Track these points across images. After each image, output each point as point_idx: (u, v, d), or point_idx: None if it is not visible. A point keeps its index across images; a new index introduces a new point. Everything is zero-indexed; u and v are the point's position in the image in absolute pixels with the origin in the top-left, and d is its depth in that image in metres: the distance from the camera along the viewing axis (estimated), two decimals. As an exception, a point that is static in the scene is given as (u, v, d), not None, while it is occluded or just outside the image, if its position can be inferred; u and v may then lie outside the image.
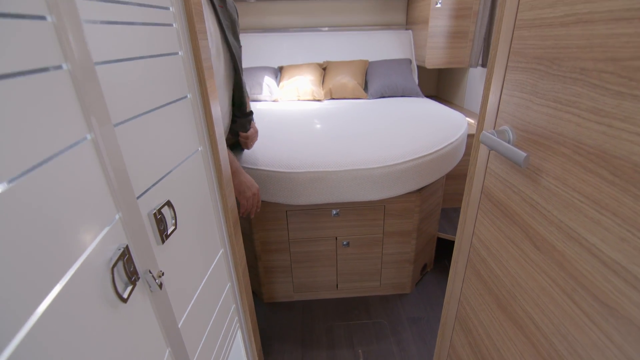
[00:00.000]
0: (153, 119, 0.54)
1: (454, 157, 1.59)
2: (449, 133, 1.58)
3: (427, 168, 1.40)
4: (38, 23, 0.33)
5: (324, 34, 2.63)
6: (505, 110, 0.67)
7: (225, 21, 1.02)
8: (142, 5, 0.52)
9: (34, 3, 0.33)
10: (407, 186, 1.38)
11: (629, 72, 0.41)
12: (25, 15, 0.32)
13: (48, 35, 0.35)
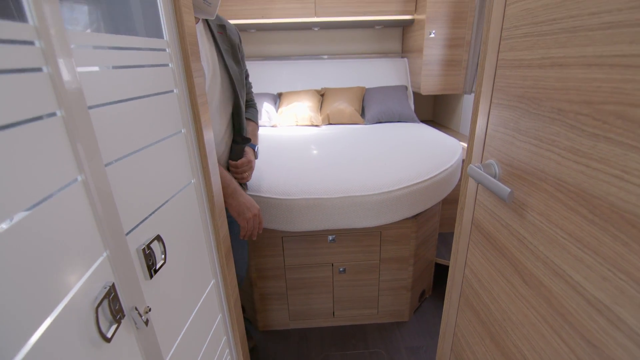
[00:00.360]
0: (146, 155, 0.56)
1: (449, 183, 1.60)
2: (443, 159, 1.60)
3: (422, 195, 1.41)
4: (34, 75, 0.35)
5: (323, 61, 2.71)
6: (491, 144, 0.69)
7: (224, 45, 1.04)
8: (139, 49, 0.54)
9: (31, 56, 0.35)
10: (402, 213, 1.39)
11: (603, 115, 0.43)
12: (23, 69, 0.34)
13: (44, 85, 0.36)
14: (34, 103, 0.35)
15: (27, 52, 0.35)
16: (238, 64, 1.09)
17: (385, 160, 1.57)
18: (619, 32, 0.40)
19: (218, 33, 1.02)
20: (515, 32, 0.60)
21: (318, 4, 2.37)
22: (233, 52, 1.07)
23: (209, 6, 0.89)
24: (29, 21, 0.35)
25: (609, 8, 0.41)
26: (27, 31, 0.35)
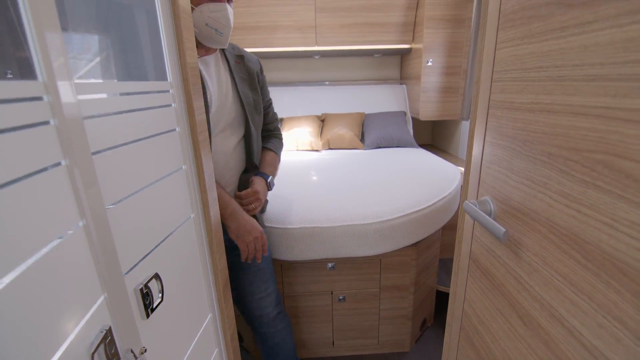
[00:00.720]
0: (147, 194, 0.57)
1: (448, 210, 1.60)
2: (442, 186, 1.61)
3: (421, 223, 1.41)
4: (42, 128, 0.37)
5: (323, 87, 2.77)
6: (486, 180, 0.70)
7: (240, 74, 1.06)
8: (144, 93, 0.56)
9: (39, 110, 0.37)
10: (402, 241, 1.38)
11: (591, 163, 0.44)
12: (32, 124, 0.36)
13: (50, 137, 0.38)
14: (40, 155, 0.36)
15: (36, 107, 0.36)
16: (254, 91, 1.10)
17: (384, 187, 1.58)
18: (602, 85, 0.42)
19: (235, 62, 1.05)
20: (505, 76, 0.62)
21: (319, 34, 2.45)
22: (250, 80, 1.09)
23: (220, 36, 0.93)
24: (38, 78, 0.37)
25: (592, 62, 0.43)
26: (37, 88, 0.37)
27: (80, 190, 0.42)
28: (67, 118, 0.40)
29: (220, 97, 1.00)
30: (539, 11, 0.52)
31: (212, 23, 0.90)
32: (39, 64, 0.37)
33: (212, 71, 1.01)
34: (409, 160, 2.07)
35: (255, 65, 1.13)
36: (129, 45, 0.59)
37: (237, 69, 1.06)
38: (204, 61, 1.00)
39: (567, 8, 0.47)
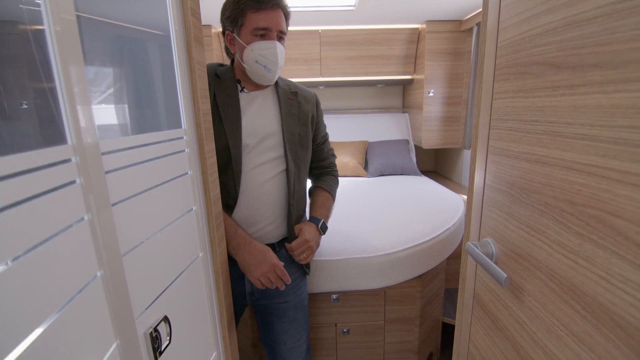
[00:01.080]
0: (159, 238, 0.59)
1: (453, 241, 1.60)
2: (445, 217, 1.62)
3: (426, 255, 1.41)
4: (68, 188, 0.40)
5: (328, 117, 2.84)
6: (487, 222, 0.71)
7: (291, 110, 1.05)
8: (160, 142, 0.60)
9: (68, 172, 0.40)
10: (406, 273, 1.38)
11: (585, 217, 0.46)
12: (60, 186, 0.39)
13: (75, 195, 0.41)
14: (66, 214, 0.39)
15: (64, 169, 0.40)
16: (303, 127, 1.08)
17: (387, 217, 1.59)
18: (592, 144, 0.44)
19: (287, 99, 1.06)
20: (502, 124, 0.65)
21: (323, 66, 2.54)
22: (301, 116, 1.07)
23: (268, 73, 0.95)
24: (67, 141, 0.41)
25: (582, 122, 0.46)
26: (66, 151, 0.40)
27: (100, 242, 0.44)
28: (92, 175, 0.43)
29: (260, 132, 1.00)
30: (531, 69, 0.56)
31: (261, 60, 0.93)
32: (69, 129, 0.40)
33: (257, 106, 1.02)
34: (412, 188, 2.09)
35: (310, 101, 1.12)
36: (147, 97, 0.64)
37: (287, 105, 1.05)
38: (251, 96, 1.02)
39: (557, 69, 0.50)
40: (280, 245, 1.08)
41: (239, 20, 0.93)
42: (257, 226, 1.02)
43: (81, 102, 0.41)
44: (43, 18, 0.38)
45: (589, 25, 0.44)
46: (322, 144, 1.20)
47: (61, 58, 0.39)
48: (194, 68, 0.68)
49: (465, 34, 2.33)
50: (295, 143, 1.05)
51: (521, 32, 0.58)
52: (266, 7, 0.90)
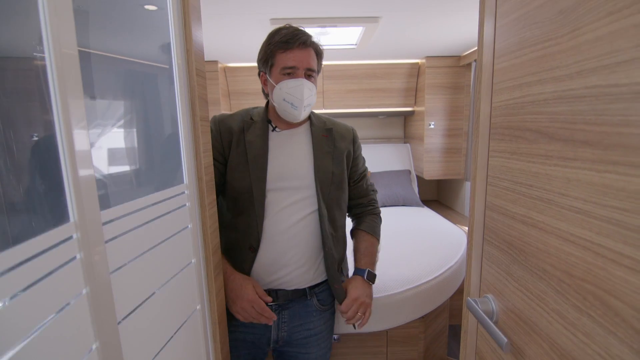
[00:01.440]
0: (157, 297, 0.59)
1: (456, 279, 1.58)
2: (448, 254, 1.60)
3: (428, 295, 1.39)
4: (69, 266, 0.41)
5: (329, 146, 2.87)
6: (487, 278, 0.71)
7: (325, 148, 1.03)
8: (162, 201, 0.61)
9: (69, 249, 0.41)
10: (409, 315, 1.36)
11: (583, 292, 0.46)
12: (61, 265, 0.39)
13: (75, 271, 0.41)
14: (64, 293, 0.40)
15: (66, 247, 0.40)
16: (338, 165, 1.05)
17: (389, 254, 1.58)
18: (587, 220, 0.45)
19: (322, 136, 1.04)
20: (499, 183, 0.65)
21: (326, 98, 2.59)
22: (335, 154, 1.04)
23: (294, 110, 0.95)
24: (70, 219, 0.42)
25: (575, 195, 0.46)
26: (68, 229, 0.41)
27: (97, 313, 0.44)
28: (92, 248, 0.44)
29: (289, 173, 0.99)
30: (525, 134, 0.57)
31: (288, 98, 0.94)
32: (72, 206, 0.42)
33: (288, 146, 1.02)
34: (414, 222, 2.08)
35: (346, 137, 1.09)
36: (150, 156, 0.65)
37: (320, 143, 1.03)
38: (282, 135, 1.02)
39: (549, 139, 0.51)
40: (312, 292, 1.03)
41: (269, 62, 0.97)
42: (285, 270, 0.98)
43: (86, 181, 0.42)
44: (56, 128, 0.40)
45: (578, 103, 0.46)
46: (359, 180, 1.14)
47: (66, 135, 0.40)
48: (198, 125, 0.70)
49: (464, 68, 2.38)
50: (328, 182, 1.01)
51: (514, 97, 0.60)
52: (293, 46, 0.93)
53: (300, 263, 0.99)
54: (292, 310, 1.02)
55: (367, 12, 1.52)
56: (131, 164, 0.60)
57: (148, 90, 0.66)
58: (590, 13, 0.43)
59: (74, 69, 0.41)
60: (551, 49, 0.51)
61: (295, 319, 1.02)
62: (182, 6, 0.66)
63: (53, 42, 0.38)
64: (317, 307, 1.04)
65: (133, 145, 0.61)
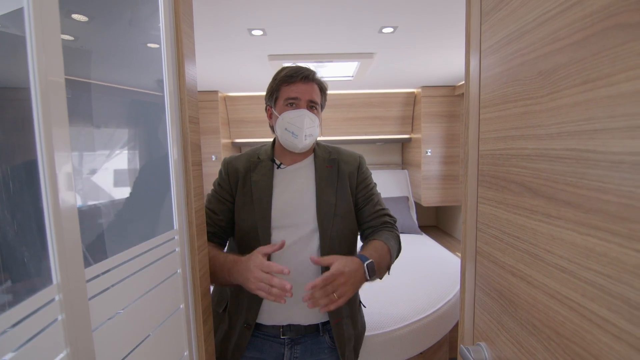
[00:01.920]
0: (143, 350, 0.58)
1: (455, 313, 1.55)
2: (447, 286, 1.58)
3: (426, 331, 1.36)
4: (50, 329, 0.40)
5: (327, 172, 2.89)
6: (480, 325, 0.70)
7: (329, 178, 1.03)
8: (151, 249, 0.61)
9: (51, 312, 0.40)
10: (407, 352, 1.33)
11: (572, 354, 0.45)
12: (42, 329, 0.39)
13: (56, 334, 0.41)
14: (43, 357, 0.39)
15: (47, 311, 0.40)
16: (342, 194, 1.03)
17: (386, 288, 1.56)
18: (572, 280, 0.44)
19: (326, 167, 1.04)
20: (488, 230, 0.66)
21: (324, 126, 2.63)
22: (338, 185, 1.03)
23: (295, 138, 0.98)
24: (53, 281, 0.42)
25: (560, 254, 0.46)
26: (51, 291, 0.41)
27: (77, 375, 0.44)
28: (75, 309, 0.43)
29: (293, 209, 0.99)
30: (510, 186, 0.58)
31: (290, 127, 0.98)
32: (55, 268, 0.42)
33: (292, 182, 1.03)
34: (412, 252, 2.07)
35: (351, 164, 1.08)
36: (139, 204, 0.66)
37: (323, 175, 1.03)
38: (287, 172, 1.04)
39: (533, 194, 0.52)
40: (325, 329, 1.01)
41: (274, 95, 1.03)
42: (298, 306, 0.95)
43: (71, 240, 0.42)
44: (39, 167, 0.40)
45: (560, 163, 0.46)
46: (366, 205, 1.09)
47: (51, 190, 0.41)
48: (189, 170, 0.71)
49: (459, 97, 2.43)
50: (331, 215, 1.00)
51: (499, 148, 0.61)
52: (296, 80, 0.99)
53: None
54: (304, 346, 1.01)
55: (361, 49, 1.56)
56: (118, 213, 0.61)
57: (141, 139, 0.67)
58: (567, 79, 0.45)
59: (63, 131, 0.42)
60: (532, 107, 0.52)
61: (307, 355, 1.01)
62: (177, 51, 0.68)
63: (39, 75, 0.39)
64: (329, 344, 1.03)
65: (120, 194, 0.62)
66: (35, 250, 0.41)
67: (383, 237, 1.01)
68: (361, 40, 1.46)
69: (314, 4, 1.18)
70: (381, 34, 1.39)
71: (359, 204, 1.08)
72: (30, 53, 0.39)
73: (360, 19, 1.28)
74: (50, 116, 0.40)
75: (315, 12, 1.24)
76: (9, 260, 0.40)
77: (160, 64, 0.66)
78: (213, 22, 1.30)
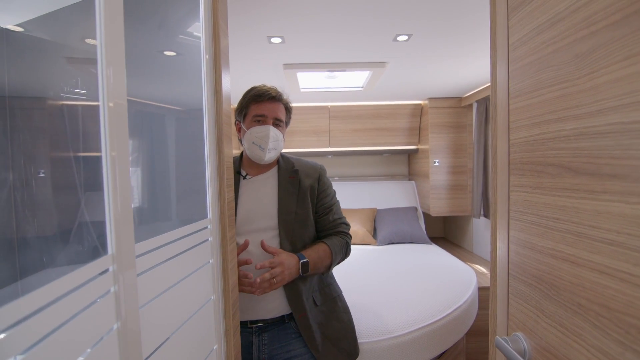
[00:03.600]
0: (179, 336, 0.57)
1: (467, 319, 1.53)
2: (458, 292, 1.56)
3: (435, 336, 1.34)
4: (103, 300, 0.40)
5: (335, 183, 2.90)
6: (516, 315, 0.69)
7: (291, 188, 1.12)
8: (187, 235, 0.61)
9: (105, 283, 0.40)
10: (419, 356, 1.30)
11: (624, 325, 0.44)
12: (96, 299, 0.39)
13: (108, 306, 0.41)
14: (97, 328, 0.39)
15: (101, 281, 0.40)
16: (303, 204, 1.12)
17: (396, 293, 1.54)
18: (622, 251, 0.45)
19: (289, 178, 1.14)
20: (522, 217, 0.66)
21: (332, 137, 2.66)
22: (300, 194, 1.13)
23: (261, 150, 1.08)
24: (108, 251, 0.42)
25: (607, 227, 0.47)
26: (106, 262, 0.41)
27: (124, 351, 0.43)
28: (125, 282, 0.43)
29: (256, 216, 1.08)
30: (547, 169, 0.59)
31: (256, 141, 1.08)
32: (111, 237, 0.42)
33: (255, 190, 1.12)
34: (421, 259, 2.05)
35: (311, 175, 1.17)
36: (180, 188, 0.66)
37: (286, 185, 1.13)
38: (251, 182, 1.13)
39: (574, 174, 0.53)
40: (290, 317, 1.09)
41: (243, 111, 1.14)
42: (262, 304, 1.05)
43: (125, 213, 0.43)
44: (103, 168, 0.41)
45: (602, 139, 0.47)
46: (324, 214, 1.19)
47: (112, 171, 0.42)
48: (223, 161, 0.72)
49: (465, 109, 2.47)
50: (292, 221, 1.10)
51: (533, 134, 0.62)
52: (263, 99, 1.10)
53: (274, 296, 1.06)
54: (272, 333, 1.07)
55: (374, 58, 1.61)
56: (158, 199, 0.61)
57: (180, 130, 0.68)
58: (606, 57, 0.47)
59: (122, 115, 0.44)
60: (569, 90, 0.53)
61: (275, 341, 1.07)
62: (214, 52, 0.70)
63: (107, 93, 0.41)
64: (295, 330, 1.09)
65: (162, 179, 0.63)
66: (96, 217, 0.41)
67: (330, 241, 1.14)
68: (375, 49, 1.50)
69: (335, 12, 1.22)
70: (395, 42, 1.43)
71: (319, 212, 1.18)
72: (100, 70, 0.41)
73: (377, 26, 1.32)
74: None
75: (336, 20, 1.28)
76: (72, 227, 0.40)
77: (200, 63, 0.68)
78: (231, 27, 1.34)
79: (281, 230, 1.08)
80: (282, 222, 1.09)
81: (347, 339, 1.15)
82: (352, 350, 1.16)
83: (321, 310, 1.13)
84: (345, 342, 1.14)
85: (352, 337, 1.17)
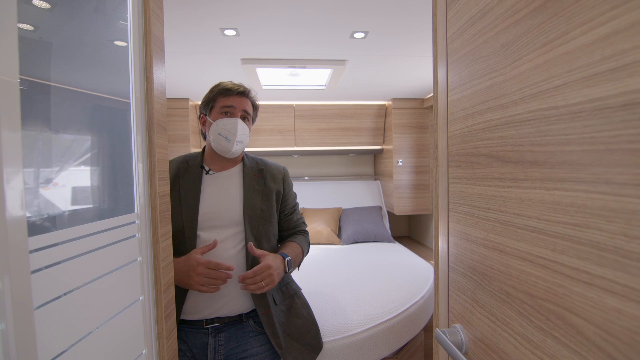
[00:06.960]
0: (94, 337, 0.52)
1: (424, 314, 1.55)
2: (415, 288, 1.58)
3: (391, 333, 1.34)
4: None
5: (302, 183, 2.87)
6: (455, 307, 0.69)
7: (256, 186, 1.12)
8: (109, 229, 0.56)
9: None
10: (373, 354, 1.29)
11: (545, 312, 0.45)
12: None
13: (-13, 305, 0.36)
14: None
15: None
16: (267, 202, 1.13)
17: (356, 291, 1.54)
18: (541, 237, 0.45)
19: (254, 176, 1.14)
20: (459, 208, 0.66)
21: (297, 137, 2.63)
22: (265, 192, 1.13)
23: (228, 143, 1.05)
24: None
25: (529, 214, 0.47)
26: None
27: (9, 356, 0.38)
28: (13, 280, 0.39)
29: (220, 210, 1.06)
30: (479, 159, 0.59)
31: (223, 132, 1.06)
32: (-8, 229, 0.37)
33: (220, 186, 1.10)
34: (383, 257, 2.06)
35: (276, 177, 1.19)
36: (103, 179, 0.61)
37: (251, 182, 1.12)
38: (215, 177, 1.10)
39: (501, 162, 0.53)
40: (248, 315, 1.07)
41: (210, 104, 1.11)
42: (224, 300, 1.03)
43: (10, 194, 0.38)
44: None
45: (524, 127, 0.48)
46: (290, 214, 1.24)
47: None
48: (154, 152, 0.67)
49: (428, 110, 2.53)
50: (257, 218, 1.10)
51: (467, 125, 0.62)
52: (232, 93, 1.09)
53: (236, 293, 1.05)
54: (228, 333, 1.04)
55: (334, 55, 1.60)
56: (66, 189, 0.56)
57: (101, 118, 0.63)
58: (527, 45, 0.47)
59: (11, 94, 0.39)
60: (496, 79, 0.54)
61: (232, 341, 1.04)
62: (145, 37, 0.66)
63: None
64: (253, 329, 1.07)
65: (70, 166, 0.58)
66: None
67: (298, 240, 1.20)
68: (334, 46, 1.50)
69: (287, 7, 1.20)
70: (353, 39, 1.43)
71: (285, 212, 1.22)
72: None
73: (332, 23, 1.31)
74: None
75: (289, 14, 1.26)
76: None
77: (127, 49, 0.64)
78: (183, 20, 1.29)
79: (246, 225, 1.07)
80: (248, 217, 1.08)
81: (309, 334, 1.14)
82: (316, 344, 1.15)
83: (280, 309, 1.11)
84: (309, 337, 1.13)
85: (314, 331, 1.16)
